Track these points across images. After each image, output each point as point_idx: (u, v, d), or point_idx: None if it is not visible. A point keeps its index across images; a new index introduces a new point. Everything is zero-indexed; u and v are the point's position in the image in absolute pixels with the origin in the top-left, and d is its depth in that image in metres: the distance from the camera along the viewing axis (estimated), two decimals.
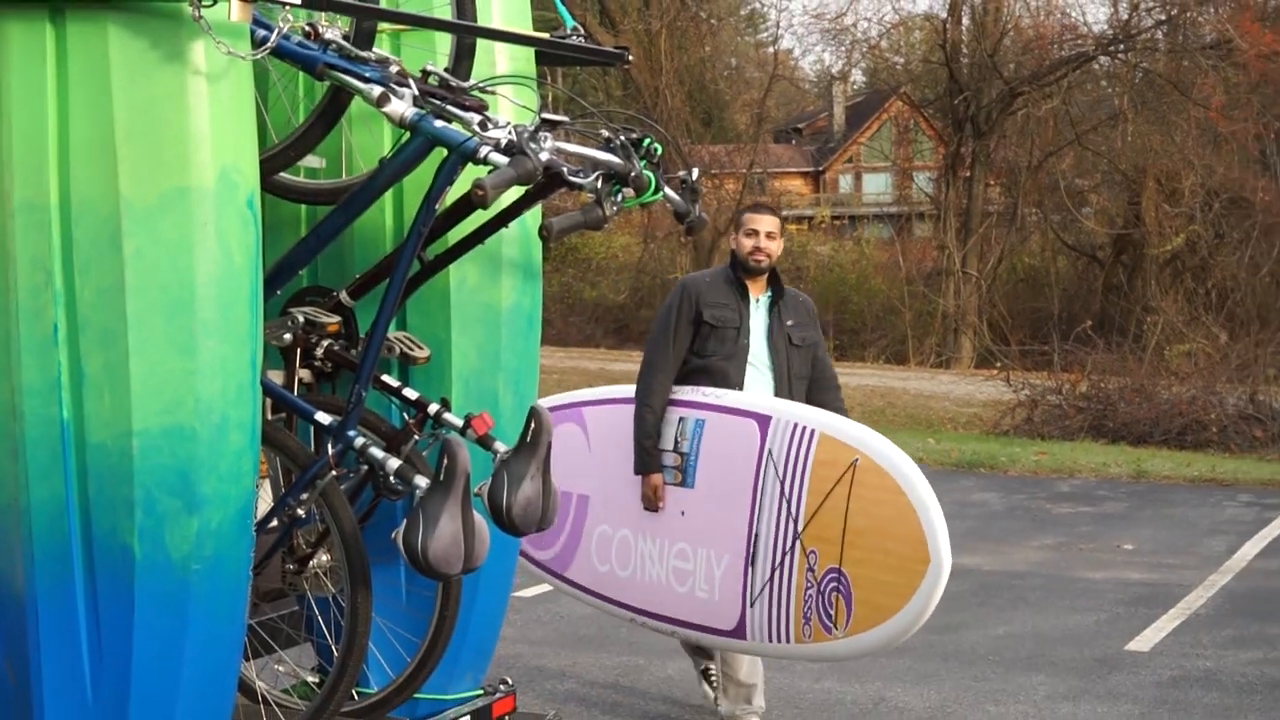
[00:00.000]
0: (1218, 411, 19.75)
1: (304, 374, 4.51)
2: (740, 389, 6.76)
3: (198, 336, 3.60)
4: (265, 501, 4.34)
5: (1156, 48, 35.32)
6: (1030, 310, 34.30)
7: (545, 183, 4.02)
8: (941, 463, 16.79)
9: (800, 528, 6.27)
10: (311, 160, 4.39)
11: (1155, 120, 34.18)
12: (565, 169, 3.96)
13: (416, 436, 4.39)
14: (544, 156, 3.86)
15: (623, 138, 4.18)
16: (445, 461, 4.01)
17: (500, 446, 4.37)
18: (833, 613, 6.16)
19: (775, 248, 6.84)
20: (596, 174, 4.04)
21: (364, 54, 3.92)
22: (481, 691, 4.95)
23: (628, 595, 6.93)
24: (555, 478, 4.70)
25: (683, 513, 6.67)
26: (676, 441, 6.70)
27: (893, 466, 6.09)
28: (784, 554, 6.31)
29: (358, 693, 4.59)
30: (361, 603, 4.25)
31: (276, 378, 4.38)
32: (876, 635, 6.17)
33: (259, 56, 3.68)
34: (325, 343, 4.51)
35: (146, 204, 3.55)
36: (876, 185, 56.09)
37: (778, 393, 6.80)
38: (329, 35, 3.90)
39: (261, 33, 3.67)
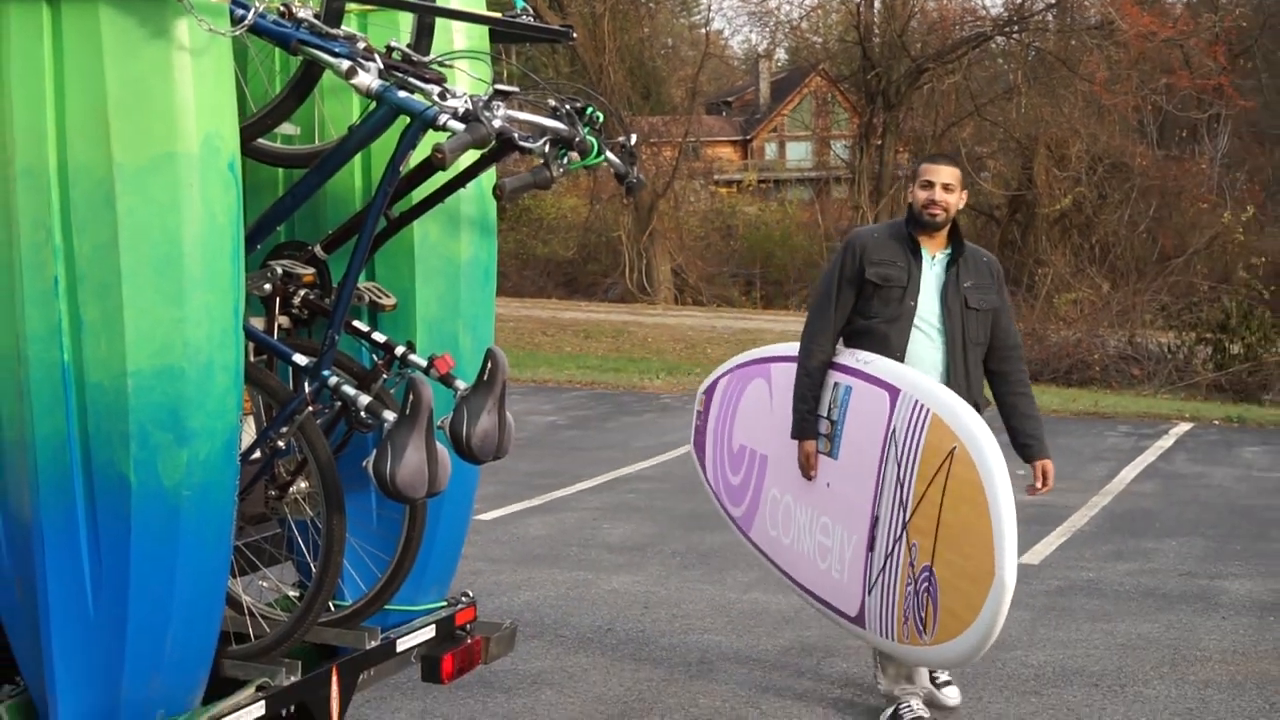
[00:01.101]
0: (1100, 353, 20.06)
1: (283, 320, 4.49)
2: (902, 354, 5.80)
3: (185, 287, 3.57)
4: (249, 435, 4.32)
5: (1047, 28, 35.50)
6: None
7: (498, 147, 4.02)
8: None
9: (908, 516, 5.54)
10: (287, 128, 4.36)
11: (1045, 94, 34.39)
12: (516, 134, 3.95)
13: (385, 375, 4.39)
14: (497, 123, 3.86)
15: (568, 106, 4.20)
16: (410, 398, 4.02)
17: (460, 384, 4.37)
18: (924, 615, 5.50)
19: (954, 201, 5.81)
20: (544, 139, 4.05)
21: (334, 31, 3.89)
22: (445, 603, 4.96)
23: (789, 565, 6.33)
24: (741, 435, 5.73)
25: (828, 484, 5.96)
26: (829, 408, 5.89)
27: (981, 461, 5.27)
28: (894, 542, 5.60)
29: (334, 605, 4.59)
30: (336, 525, 4.25)
31: (258, 324, 4.36)
32: (955, 648, 5.46)
33: (238, 34, 3.65)
34: (302, 292, 4.49)
35: (137, 168, 3.52)
36: (798, 153, 56.23)
37: (949, 359, 5.81)
38: (301, 14, 3.87)
39: (240, 11, 3.64)
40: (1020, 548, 9.17)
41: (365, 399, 4.18)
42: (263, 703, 4.10)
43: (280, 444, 4.28)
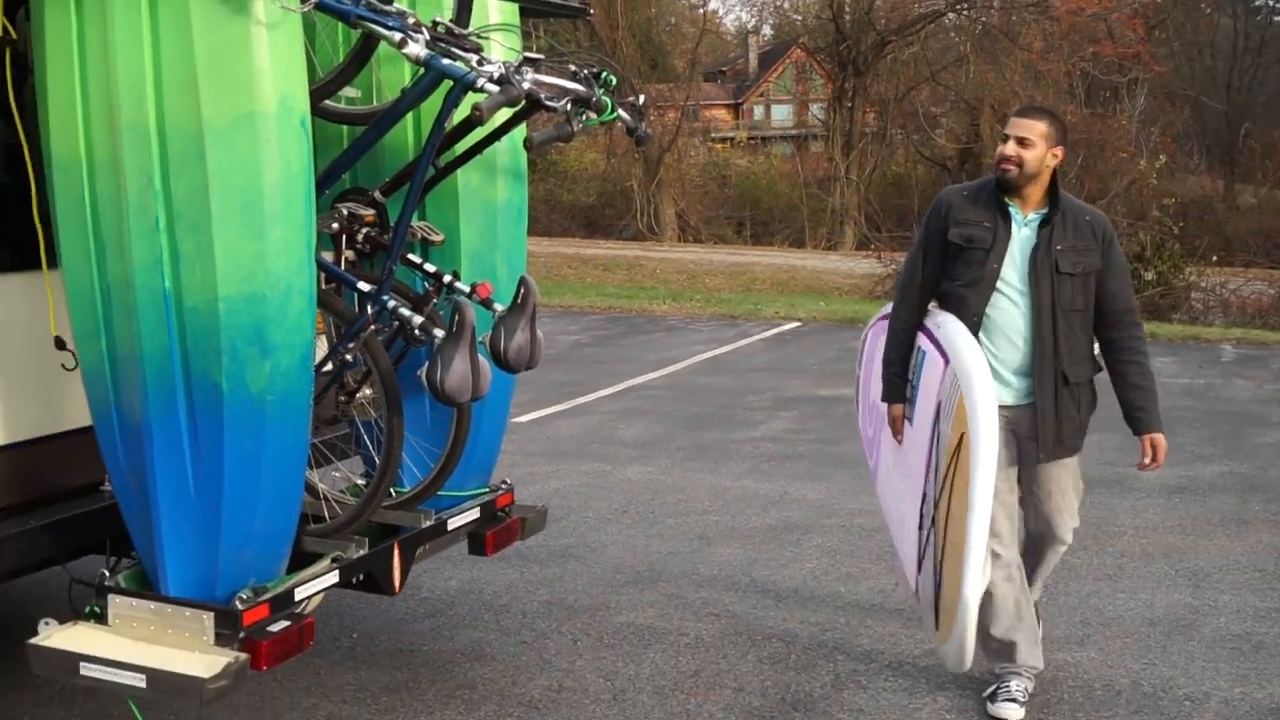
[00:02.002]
0: None
1: (349, 254, 4.47)
2: (979, 319, 4.67)
3: (265, 225, 3.55)
4: (322, 350, 4.32)
5: (991, 5, 35.05)
6: (896, 206, 34.21)
7: (527, 106, 3.99)
8: (830, 320, 16.85)
9: (937, 495, 4.67)
10: (349, 91, 4.33)
11: (990, 62, 34.11)
12: (542, 95, 3.93)
13: (434, 299, 4.37)
14: (526, 86, 3.85)
15: (586, 71, 4.17)
16: (457, 318, 4.02)
17: (498, 307, 4.35)
18: (937, 609, 4.78)
19: (1030, 157, 4.58)
20: (566, 99, 4.04)
21: (387, 8, 3.85)
22: (488, 490, 4.97)
23: (891, 527, 5.30)
24: (875, 390, 5.12)
25: (907, 453, 4.97)
26: (913, 372, 4.89)
27: (974, 452, 4.36)
28: (930, 526, 4.77)
29: (395, 491, 4.61)
30: (396, 425, 4.25)
31: (328, 256, 4.34)
32: (945, 654, 4.75)
33: (306, 10, 3.61)
34: (364, 230, 4.47)
35: (223, 125, 3.49)
36: (781, 114, 55.91)
37: (1035, 326, 4.62)
38: None
39: None
40: None
41: (419, 319, 4.17)
42: (336, 572, 4.13)
43: (348, 357, 4.27)
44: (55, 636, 3.80)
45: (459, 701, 4.91)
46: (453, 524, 4.73)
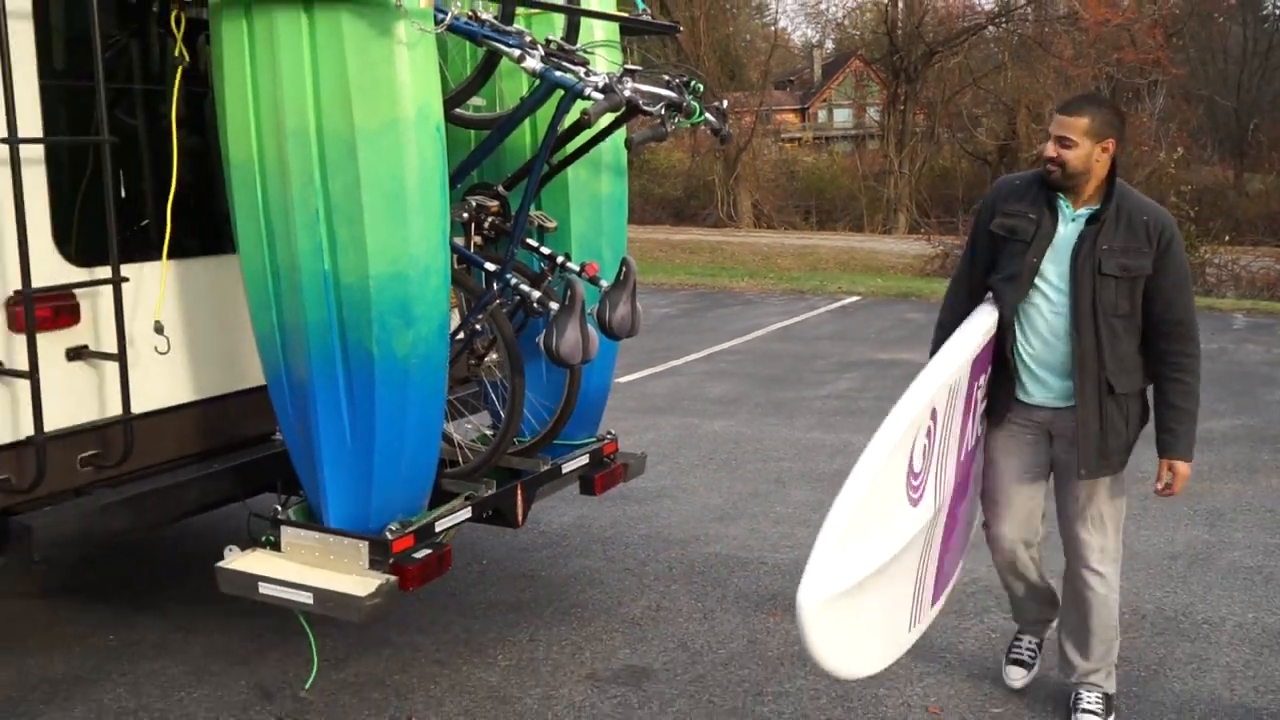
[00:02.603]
0: None
1: (477, 239, 4.48)
2: (1012, 314, 3.87)
3: (408, 215, 3.57)
4: (455, 321, 4.34)
5: (1027, 19, 34.30)
6: (943, 196, 33.68)
7: (628, 111, 3.96)
8: (886, 294, 16.64)
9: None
10: (476, 100, 4.34)
11: (1026, 68, 33.40)
12: (640, 101, 3.90)
13: (549, 278, 4.37)
14: (626, 93, 3.82)
15: (677, 80, 4.13)
16: (569, 293, 4.03)
17: (603, 283, 4.35)
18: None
19: (1072, 156, 3.71)
20: (660, 104, 3.99)
21: (508, 29, 3.85)
22: (595, 439, 4.97)
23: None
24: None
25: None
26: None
27: (912, 393, 3.46)
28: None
29: (517, 441, 4.63)
30: (518, 384, 4.27)
31: (459, 241, 4.36)
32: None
33: (439, 31, 3.61)
34: (490, 219, 4.48)
35: (371, 130, 3.51)
36: (842, 116, 55.16)
37: (1075, 328, 3.76)
38: (484, 17, 3.83)
39: (441, 15, 3.60)
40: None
41: (536, 294, 4.18)
42: (469, 508, 4.16)
43: (477, 327, 4.30)
44: (238, 561, 3.88)
45: (572, 619, 4.95)
46: (566, 468, 4.74)
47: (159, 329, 4.02)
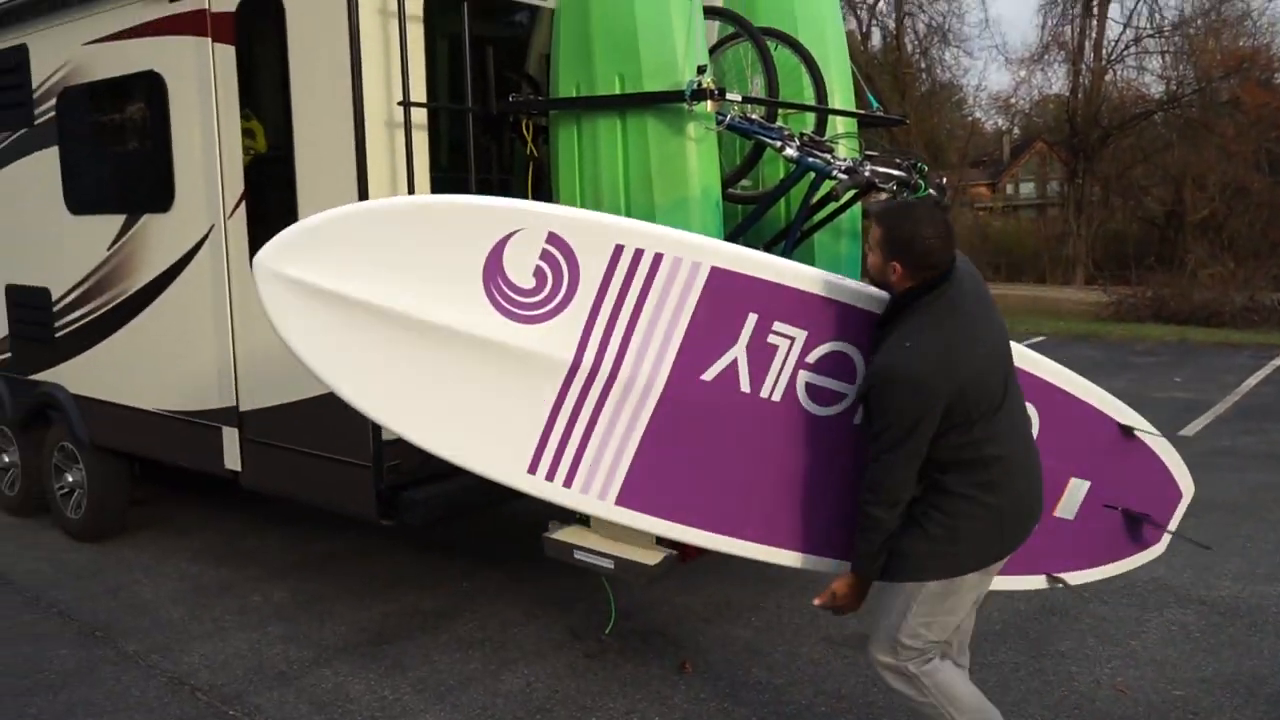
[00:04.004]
0: (1230, 306, 17.92)
1: None
2: None
3: None
4: None
5: (1193, 104, 31.64)
6: (1116, 253, 31.28)
7: (866, 187, 3.85)
8: (1069, 334, 15.65)
9: None
10: (745, 181, 4.32)
11: (1191, 147, 30.80)
12: (877, 180, 3.79)
13: None
14: (866, 173, 3.73)
15: (906, 162, 4.00)
16: None
17: None
18: None
19: (870, 261, 2.87)
20: (892, 181, 3.87)
21: (771, 125, 3.82)
22: None
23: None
24: None
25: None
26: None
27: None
28: None
29: None
30: None
31: None
32: None
33: (720, 129, 3.63)
34: None
35: (667, 205, 3.55)
36: (1027, 189, 52.46)
37: None
38: (753, 117, 3.82)
39: (721, 116, 3.62)
40: (1180, 425, 8.37)
41: None
42: None
43: None
44: (559, 533, 3.94)
45: (811, 592, 4.77)
46: None
47: None
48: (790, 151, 3.70)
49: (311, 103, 3.80)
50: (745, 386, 2.97)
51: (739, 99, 3.76)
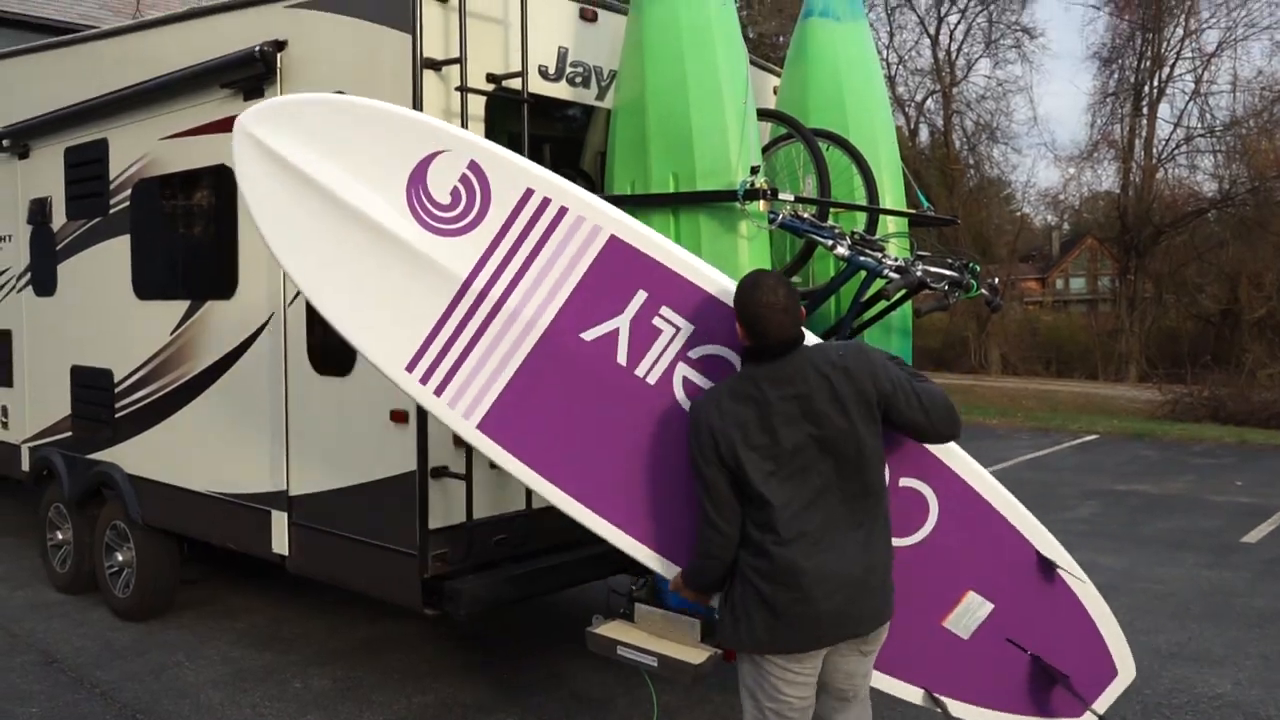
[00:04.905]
0: None
1: None
2: None
3: None
4: None
5: (1247, 204, 31.39)
6: (1170, 350, 30.77)
7: (918, 286, 3.85)
8: (1124, 433, 15.31)
9: None
10: (795, 278, 4.34)
11: (1245, 244, 30.46)
12: (929, 280, 3.79)
13: None
14: (917, 273, 3.72)
15: (958, 262, 3.99)
16: None
17: None
18: None
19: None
20: (944, 281, 3.85)
21: (822, 224, 3.85)
22: None
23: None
24: None
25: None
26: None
27: None
28: None
29: None
30: None
31: None
32: None
33: (772, 228, 3.67)
34: None
35: None
36: (1077, 284, 52.09)
37: None
38: (805, 216, 3.86)
39: (773, 215, 3.66)
40: (1242, 531, 8.12)
41: None
42: None
43: None
44: (602, 627, 3.88)
45: None
46: None
47: None
48: (842, 250, 3.72)
49: None
50: (622, 359, 3.00)
51: (791, 198, 3.80)
